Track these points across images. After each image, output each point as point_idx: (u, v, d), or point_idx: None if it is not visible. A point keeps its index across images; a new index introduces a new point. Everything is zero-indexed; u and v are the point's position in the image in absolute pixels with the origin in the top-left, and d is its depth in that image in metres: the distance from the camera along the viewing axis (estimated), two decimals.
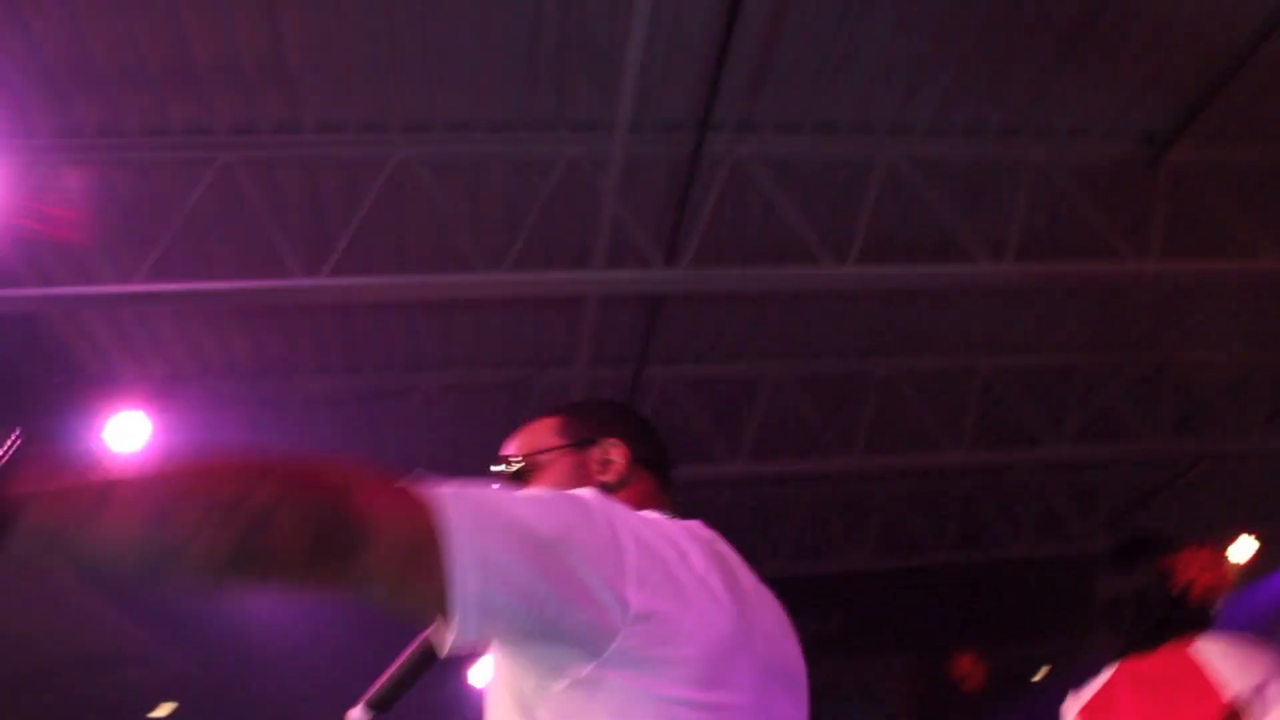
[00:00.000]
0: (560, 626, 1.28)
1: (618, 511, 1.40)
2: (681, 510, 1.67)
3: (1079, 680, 3.31)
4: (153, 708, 10.74)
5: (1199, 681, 2.94)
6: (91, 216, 5.40)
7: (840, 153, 6.04)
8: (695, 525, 1.55)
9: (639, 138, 5.55)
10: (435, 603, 1.21)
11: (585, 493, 1.44)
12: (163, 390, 6.76)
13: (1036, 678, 12.00)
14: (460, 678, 7.49)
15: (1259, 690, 2.85)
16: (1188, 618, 3.12)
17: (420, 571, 1.21)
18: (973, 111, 5.90)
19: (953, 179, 6.12)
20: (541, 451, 1.79)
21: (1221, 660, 2.98)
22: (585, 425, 1.78)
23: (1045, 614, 10.28)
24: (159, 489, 1.15)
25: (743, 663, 1.40)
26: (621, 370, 7.49)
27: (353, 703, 1.83)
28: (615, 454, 1.74)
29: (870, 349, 7.83)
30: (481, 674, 1.80)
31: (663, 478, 1.80)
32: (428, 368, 7.40)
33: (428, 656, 1.70)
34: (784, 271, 6.31)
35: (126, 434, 6.30)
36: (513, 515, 1.30)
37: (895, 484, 9.35)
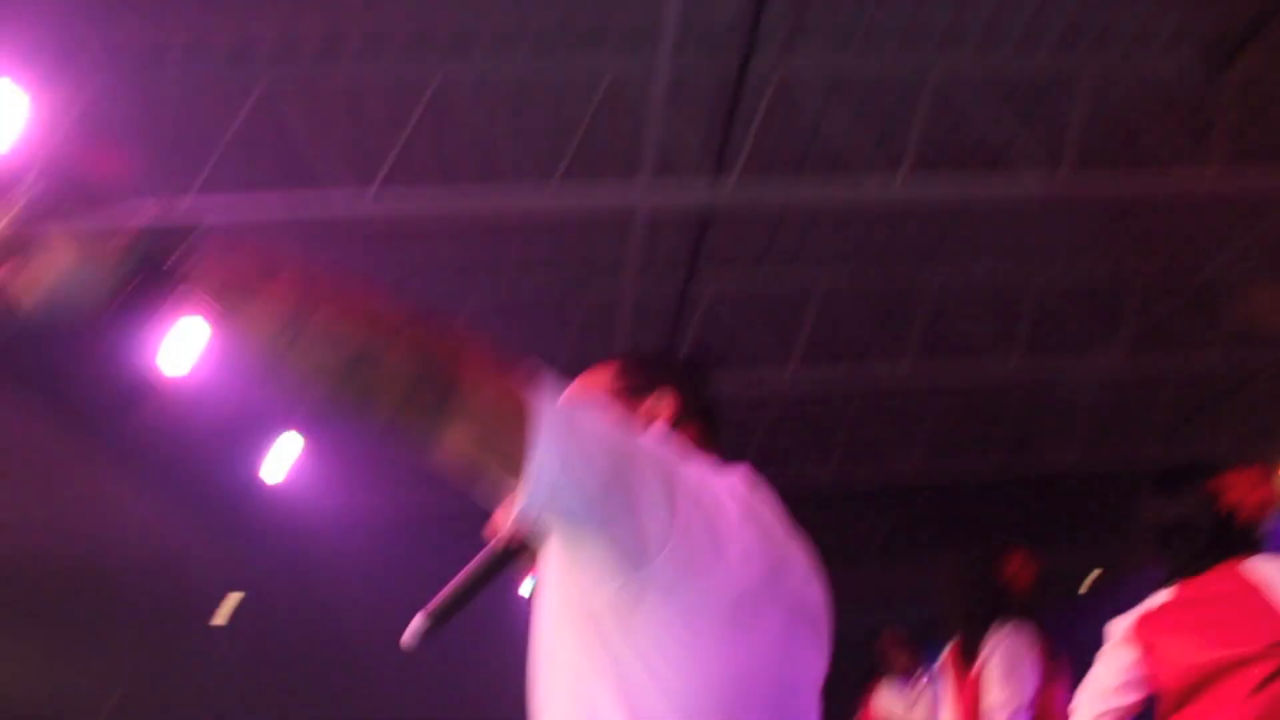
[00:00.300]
0: (612, 529, 1.38)
1: (674, 454, 1.53)
2: (726, 450, 1.76)
3: (1126, 595, 3.31)
4: (216, 609, 11.05)
5: (1256, 602, 2.92)
6: (137, 141, 5.42)
7: (891, 65, 5.90)
8: (736, 477, 1.62)
9: (685, 52, 5.45)
10: (512, 464, 1.32)
11: (651, 432, 1.61)
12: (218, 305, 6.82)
13: (1083, 589, 12.05)
14: (509, 589, 7.64)
15: None
16: (1237, 539, 3.10)
17: (505, 431, 1.32)
18: (1028, 20, 5.73)
19: (1007, 91, 5.98)
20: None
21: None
22: (640, 374, 1.86)
23: (1095, 525, 10.28)
24: (308, 292, 1.29)
25: (769, 605, 1.51)
26: (670, 283, 7.46)
27: (412, 603, 1.91)
28: (665, 404, 1.82)
29: (922, 260, 7.73)
30: (528, 586, 1.91)
31: (710, 429, 1.87)
32: (476, 283, 7.42)
33: (491, 570, 1.79)
34: (833, 187, 6.22)
35: (185, 342, 6.43)
36: (597, 418, 1.43)
37: (945, 395, 9.30)
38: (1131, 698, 3.10)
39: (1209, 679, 2.92)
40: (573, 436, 1.35)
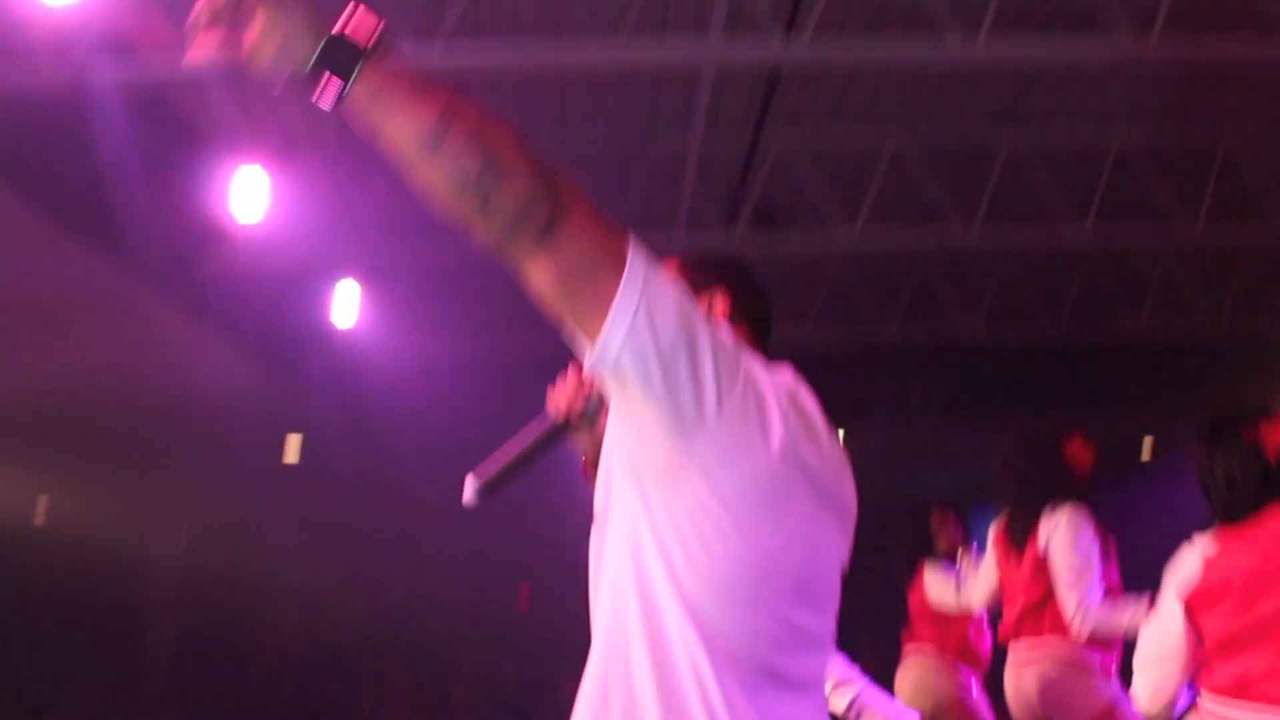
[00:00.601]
0: (670, 394, 1.48)
1: (737, 340, 1.63)
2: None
3: (1187, 464, 3.33)
4: (283, 443, 11.37)
5: None
6: None
7: None
8: (782, 375, 1.72)
9: None
10: (592, 313, 1.44)
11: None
12: (283, 155, 6.85)
13: (1145, 456, 12.00)
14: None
15: None
16: None
17: (594, 278, 1.44)
18: None
19: None
20: None
21: None
22: (699, 274, 1.92)
23: (1161, 395, 10.16)
24: (457, 104, 1.44)
25: (803, 496, 1.61)
26: (738, 137, 7.33)
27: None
28: (719, 303, 1.91)
29: (997, 122, 7.51)
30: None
31: (761, 331, 1.95)
32: (541, 136, 7.33)
33: (546, 443, 1.94)
34: (911, 46, 6.02)
35: (249, 191, 6.49)
36: (678, 287, 1.53)
37: (1014, 258, 9.14)
38: (1188, 652, 3.17)
39: (1251, 634, 2.98)
40: (654, 296, 1.45)
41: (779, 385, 1.64)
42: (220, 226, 6.59)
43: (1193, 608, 3.13)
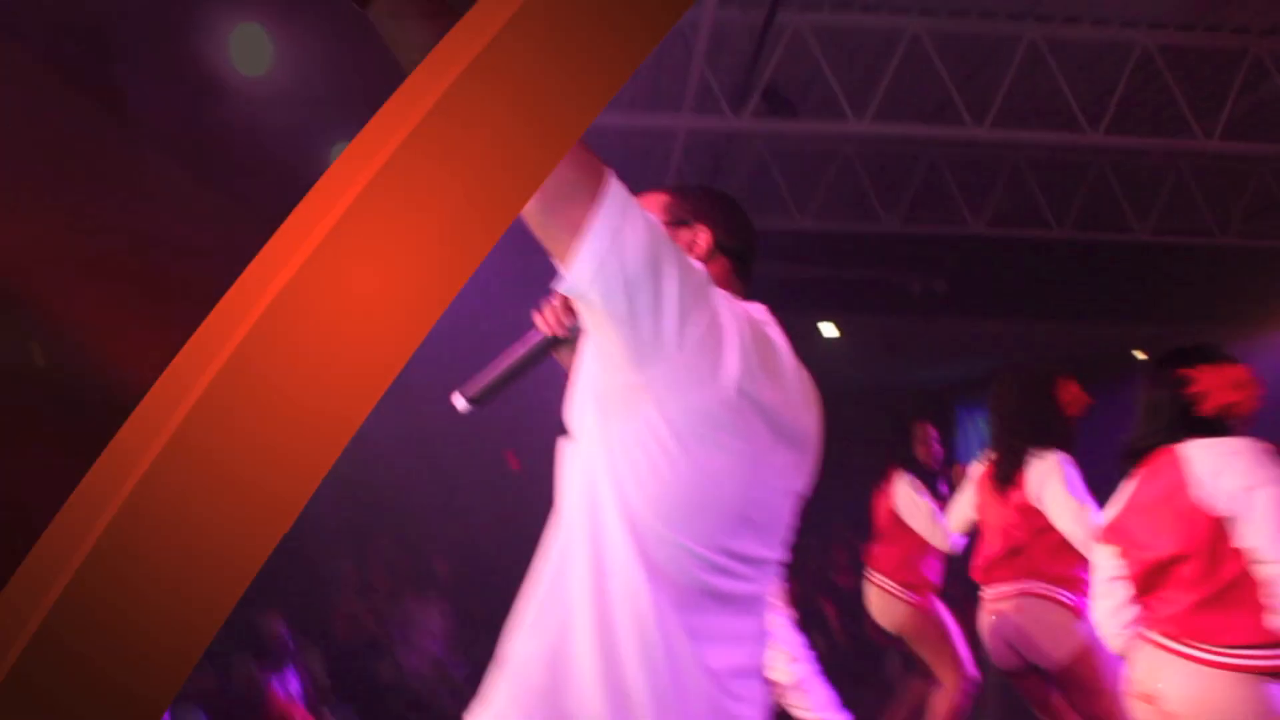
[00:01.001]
0: (635, 322, 1.53)
1: (708, 279, 1.66)
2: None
3: None
4: None
5: (1181, 498, 3.03)
6: None
7: None
8: (752, 311, 1.77)
9: None
10: (565, 240, 1.48)
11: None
12: (286, 7, 6.69)
13: (1141, 355, 12.01)
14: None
15: (1245, 493, 2.89)
16: (1196, 426, 3.12)
17: (570, 207, 1.47)
18: None
19: None
20: None
21: (1201, 459, 3.03)
22: (684, 207, 1.98)
23: (1159, 299, 10.13)
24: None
25: (756, 428, 1.66)
26: (753, 13, 7.16)
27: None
28: (701, 237, 1.95)
29: (1020, 13, 7.32)
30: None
31: (742, 267, 2.00)
32: None
33: (533, 358, 2.03)
34: None
35: (251, 45, 6.39)
36: (651, 217, 1.55)
37: (1024, 155, 9.02)
38: (1128, 587, 3.24)
39: (1157, 572, 3.08)
40: (627, 229, 1.48)
41: (745, 320, 1.68)
42: (221, 81, 6.47)
43: (1110, 537, 3.21)
